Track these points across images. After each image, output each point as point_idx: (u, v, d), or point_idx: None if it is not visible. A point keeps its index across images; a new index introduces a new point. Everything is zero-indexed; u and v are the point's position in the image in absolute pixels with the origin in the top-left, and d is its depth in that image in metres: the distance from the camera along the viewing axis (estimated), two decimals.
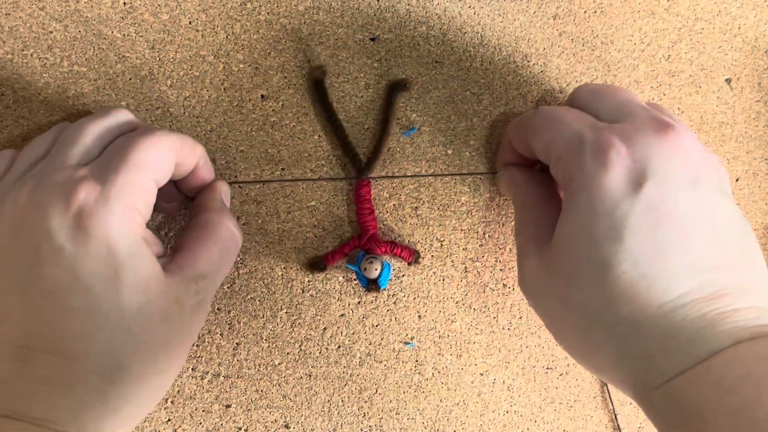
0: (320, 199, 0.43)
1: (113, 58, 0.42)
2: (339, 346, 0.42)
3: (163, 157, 0.30)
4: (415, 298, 0.43)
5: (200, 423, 0.41)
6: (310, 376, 0.42)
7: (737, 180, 0.46)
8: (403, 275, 0.43)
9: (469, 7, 0.44)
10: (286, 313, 0.42)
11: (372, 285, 0.41)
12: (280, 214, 0.42)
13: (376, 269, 0.40)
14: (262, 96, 0.43)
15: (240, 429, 0.42)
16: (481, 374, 0.43)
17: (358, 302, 0.43)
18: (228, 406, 0.42)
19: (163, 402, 0.41)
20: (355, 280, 0.42)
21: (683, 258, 0.26)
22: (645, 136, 0.28)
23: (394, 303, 0.43)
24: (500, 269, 0.43)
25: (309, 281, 0.42)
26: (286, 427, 0.42)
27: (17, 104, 0.41)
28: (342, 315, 0.42)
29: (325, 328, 0.42)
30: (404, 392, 0.43)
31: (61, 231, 0.26)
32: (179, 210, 0.40)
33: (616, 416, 0.43)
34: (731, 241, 0.27)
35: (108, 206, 0.27)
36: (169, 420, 0.42)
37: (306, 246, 0.42)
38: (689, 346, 0.25)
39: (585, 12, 0.45)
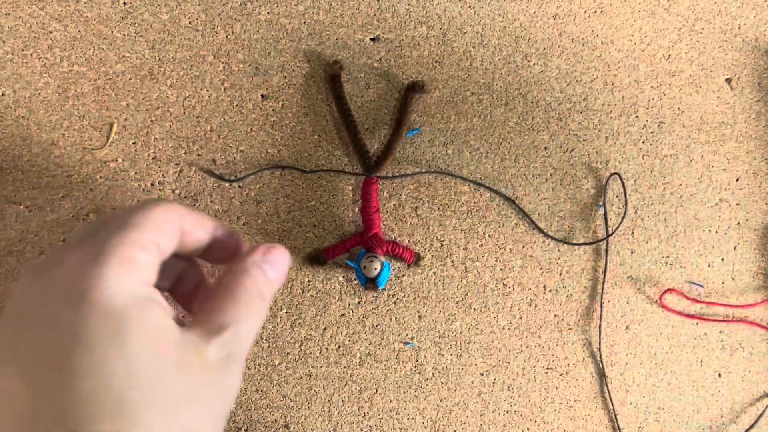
0: (320, 199, 0.43)
1: (113, 58, 0.42)
2: (339, 346, 0.42)
3: (162, 220, 0.28)
4: (415, 298, 0.43)
5: None
6: (310, 376, 0.42)
7: (737, 180, 0.46)
8: (403, 275, 0.43)
9: (470, 7, 0.44)
10: (286, 313, 0.42)
11: (370, 284, 0.41)
12: (280, 214, 0.42)
13: (375, 268, 0.40)
14: (263, 96, 0.43)
15: (240, 429, 0.42)
16: (482, 374, 0.43)
17: (358, 302, 0.43)
18: None
19: None
20: (355, 280, 0.42)
21: None
22: None
23: (394, 303, 0.43)
24: (500, 269, 0.43)
25: (309, 281, 0.42)
26: (286, 427, 0.42)
27: (17, 104, 0.41)
28: (342, 315, 0.42)
29: (325, 328, 0.42)
30: (404, 392, 0.43)
31: (55, 297, 0.25)
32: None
33: (616, 416, 0.43)
34: None
35: (100, 261, 0.25)
36: None
37: (306, 246, 0.42)
38: None
39: (585, 12, 0.45)
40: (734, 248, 0.45)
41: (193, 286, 0.32)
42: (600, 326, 0.44)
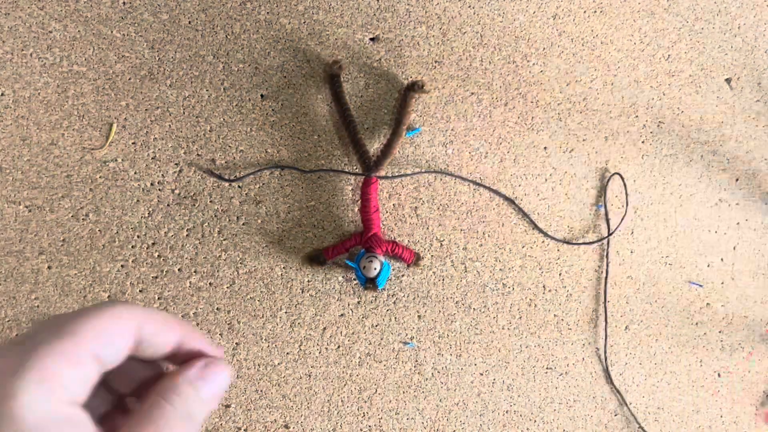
0: (320, 199, 0.43)
1: (113, 58, 0.42)
2: (339, 346, 0.42)
3: (107, 328, 0.25)
4: (414, 298, 0.43)
5: None
6: (309, 376, 0.42)
7: (737, 180, 0.46)
8: (403, 275, 0.43)
9: (469, 6, 0.44)
10: (286, 313, 0.42)
11: (370, 284, 0.41)
12: (279, 214, 0.42)
13: (375, 268, 0.40)
14: (262, 96, 0.43)
15: (240, 429, 0.42)
16: (481, 374, 0.43)
17: (358, 302, 0.43)
18: (228, 406, 0.42)
19: None
20: (354, 280, 0.42)
21: None
22: None
23: (394, 303, 0.43)
24: (500, 269, 0.43)
25: (309, 281, 0.42)
26: (286, 427, 0.42)
27: (17, 104, 0.41)
28: (342, 315, 0.42)
29: (324, 328, 0.42)
30: (404, 392, 0.43)
31: None
32: None
33: (615, 416, 0.43)
34: None
35: (18, 374, 0.23)
36: None
37: (306, 246, 0.42)
38: None
39: (585, 12, 0.45)
40: (734, 248, 0.45)
41: None
42: (606, 327, 0.44)
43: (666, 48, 0.46)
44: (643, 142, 0.45)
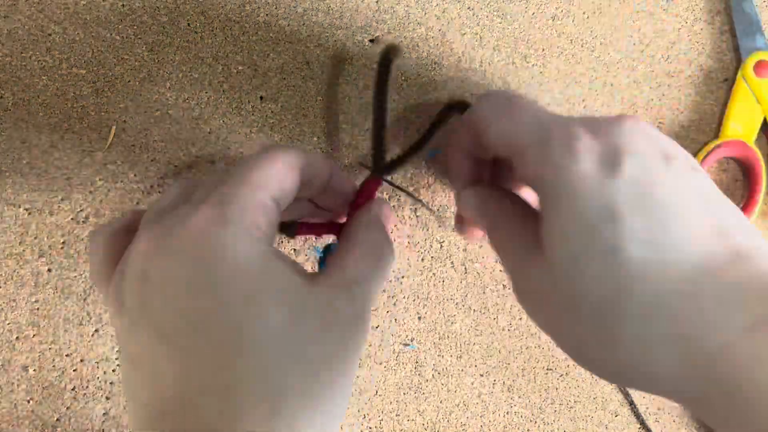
0: None
1: (112, 60, 0.42)
2: None
3: (283, 175, 0.28)
4: (414, 300, 0.43)
5: None
6: None
7: (737, 180, 0.46)
8: (403, 276, 0.43)
9: (468, 8, 0.44)
10: None
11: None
12: None
13: None
14: (261, 98, 0.43)
15: None
16: (482, 375, 0.43)
17: None
18: None
19: None
20: None
21: (685, 229, 0.25)
22: (606, 123, 0.28)
23: (394, 304, 0.43)
24: (500, 270, 0.43)
25: None
26: None
27: (16, 107, 0.41)
28: None
29: None
30: (404, 394, 0.43)
31: (185, 259, 0.25)
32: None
33: (616, 416, 0.43)
34: (722, 211, 0.26)
35: (228, 228, 0.25)
36: None
37: (305, 246, 0.42)
38: (726, 317, 0.23)
39: (584, 13, 0.45)
40: None
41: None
42: None
43: (665, 49, 0.46)
44: None
